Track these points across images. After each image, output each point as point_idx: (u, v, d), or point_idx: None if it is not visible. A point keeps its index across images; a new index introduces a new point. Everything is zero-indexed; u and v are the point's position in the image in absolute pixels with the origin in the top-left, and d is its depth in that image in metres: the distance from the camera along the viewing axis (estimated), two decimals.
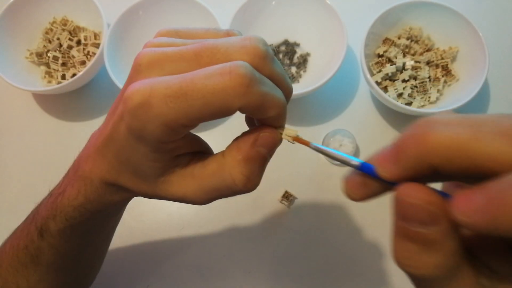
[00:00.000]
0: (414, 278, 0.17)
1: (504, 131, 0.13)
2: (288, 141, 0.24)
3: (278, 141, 0.24)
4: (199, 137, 0.27)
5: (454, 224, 0.15)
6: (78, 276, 0.39)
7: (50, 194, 0.32)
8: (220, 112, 0.20)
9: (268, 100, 0.21)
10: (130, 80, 0.23)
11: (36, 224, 0.32)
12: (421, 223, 0.15)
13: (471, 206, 0.14)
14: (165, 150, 0.23)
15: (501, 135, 0.13)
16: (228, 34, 0.24)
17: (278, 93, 0.22)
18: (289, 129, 0.24)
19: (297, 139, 0.24)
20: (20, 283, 0.34)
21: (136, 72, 0.22)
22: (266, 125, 0.23)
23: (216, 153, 0.25)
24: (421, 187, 0.16)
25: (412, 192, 0.16)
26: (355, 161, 0.20)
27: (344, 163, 0.21)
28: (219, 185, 0.24)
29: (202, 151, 0.26)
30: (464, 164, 0.14)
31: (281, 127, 0.24)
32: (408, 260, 0.16)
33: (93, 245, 0.37)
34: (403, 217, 0.16)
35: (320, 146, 0.23)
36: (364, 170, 0.19)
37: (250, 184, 0.23)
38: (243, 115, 0.25)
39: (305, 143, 0.23)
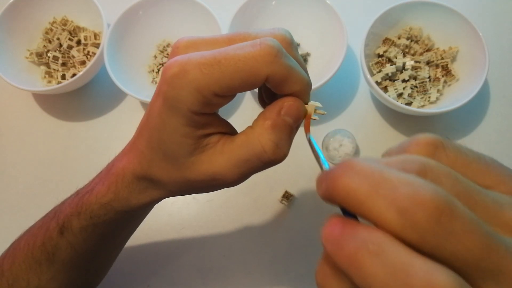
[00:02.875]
0: None
1: (396, 200, 0.14)
2: (314, 119, 0.25)
3: (302, 111, 0.25)
4: (228, 122, 0.27)
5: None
6: (88, 277, 0.39)
7: (77, 193, 0.33)
8: (249, 80, 0.22)
9: (293, 73, 0.23)
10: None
11: (58, 221, 0.32)
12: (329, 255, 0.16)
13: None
14: (196, 124, 0.24)
15: (391, 203, 0.14)
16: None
17: (302, 71, 0.24)
18: (311, 103, 0.25)
19: (307, 119, 0.25)
20: (31, 280, 0.34)
21: (174, 54, 0.24)
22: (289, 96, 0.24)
23: (244, 129, 0.25)
24: (335, 220, 0.16)
25: (326, 224, 0.17)
26: (324, 167, 0.22)
27: (319, 164, 0.22)
28: (248, 155, 0.24)
29: (231, 134, 0.27)
30: (357, 211, 0.15)
31: (305, 103, 0.25)
32: (321, 280, 0.17)
33: (109, 247, 0.37)
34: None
35: (313, 141, 0.24)
36: None
37: (279, 151, 0.24)
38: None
39: (306, 130, 0.25)
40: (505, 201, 0.16)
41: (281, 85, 0.23)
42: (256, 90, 0.29)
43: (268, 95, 0.28)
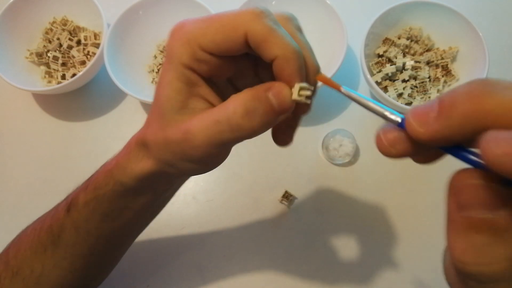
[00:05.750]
0: (480, 278, 0.15)
1: None
2: (297, 99, 0.23)
3: (286, 95, 0.23)
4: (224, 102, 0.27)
5: None
6: (89, 274, 0.39)
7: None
8: (229, 35, 0.23)
9: (274, 35, 0.23)
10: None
11: (67, 201, 0.34)
12: (486, 207, 0.14)
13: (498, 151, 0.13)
14: (187, 80, 0.25)
15: None
16: None
17: (290, 39, 0.23)
18: (303, 85, 0.23)
19: (329, 83, 0.24)
20: (35, 267, 0.35)
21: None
22: (281, 81, 0.24)
23: None
24: (476, 170, 0.14)
25: (469, 173, 0.14)
26: (395, 115, 0.18)
27: (380, 116, 0.19)
28: (220, 115, 0.23)
29: None
30: None
31: (294, 75, 0.23)
32: (475, 257, 0.14)
33: (110, 239, 0.37)
34: (464, 205, 0.14)
35: (352, 92, 0.22)
36: (404, 127, 0.17)
37: (248, 119, 0.23)
38: None
39: (336, 88, 0.23)
40: None
41: (261, 45, 0.23)
42: None
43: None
